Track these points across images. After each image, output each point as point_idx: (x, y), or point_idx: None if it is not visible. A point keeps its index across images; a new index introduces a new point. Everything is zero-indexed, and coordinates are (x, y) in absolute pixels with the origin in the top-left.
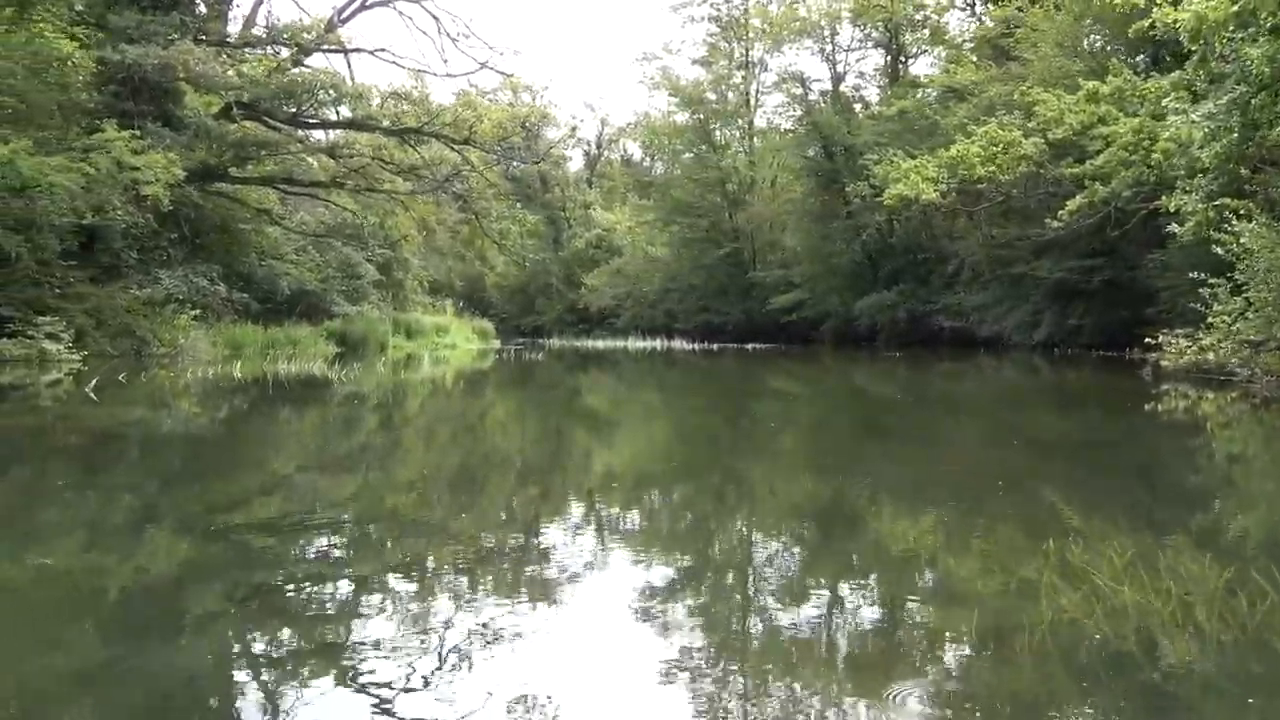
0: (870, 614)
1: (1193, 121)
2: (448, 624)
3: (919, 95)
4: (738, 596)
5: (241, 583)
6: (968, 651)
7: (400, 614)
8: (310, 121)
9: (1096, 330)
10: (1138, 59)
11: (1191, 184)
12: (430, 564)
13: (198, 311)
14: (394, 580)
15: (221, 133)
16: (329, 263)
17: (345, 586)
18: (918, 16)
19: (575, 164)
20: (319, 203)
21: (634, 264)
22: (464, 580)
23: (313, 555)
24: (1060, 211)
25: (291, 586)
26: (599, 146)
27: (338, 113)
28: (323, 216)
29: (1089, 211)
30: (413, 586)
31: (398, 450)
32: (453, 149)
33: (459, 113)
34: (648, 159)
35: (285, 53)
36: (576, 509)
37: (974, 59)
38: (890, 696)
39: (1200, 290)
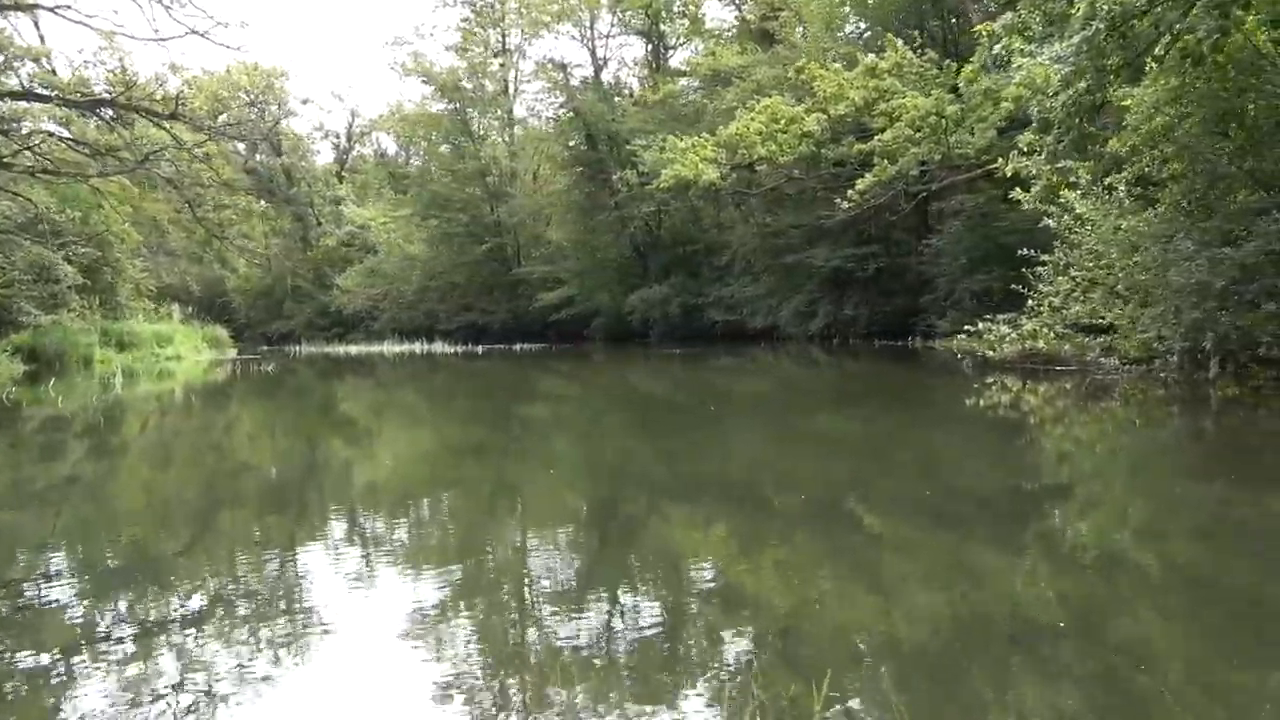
0: (650, 622)
1: (1044, 64)
2: (182, 680)
3: (684, 82)
4: (512, 611)
5: None
6: (749, 655)
7: (121, 673)
8: None
9: (872, 319)
10: (903, 37)
11: (1035, 143)
12: (156, 606)
13: None
14: (110, 631)
15: None
16: (15, 264)
17: (42, 653)
18: (676, 6)
19: (324, 157)
20: (2, 194)
21: (390, 263)
22: (200, 623)
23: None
24: (850, 191)
25: None
26: (349, 139)
27: (19, 79)
28: (7, 210)
29: (880, 191)
30: (134, 636)
31: (110, 480)
32: (159, 125)
33: (163, 80)
34: (403, 153)
35: None
36: (330, 531)
37: (738, 46)
38: (673, 704)
39: (976, 276)
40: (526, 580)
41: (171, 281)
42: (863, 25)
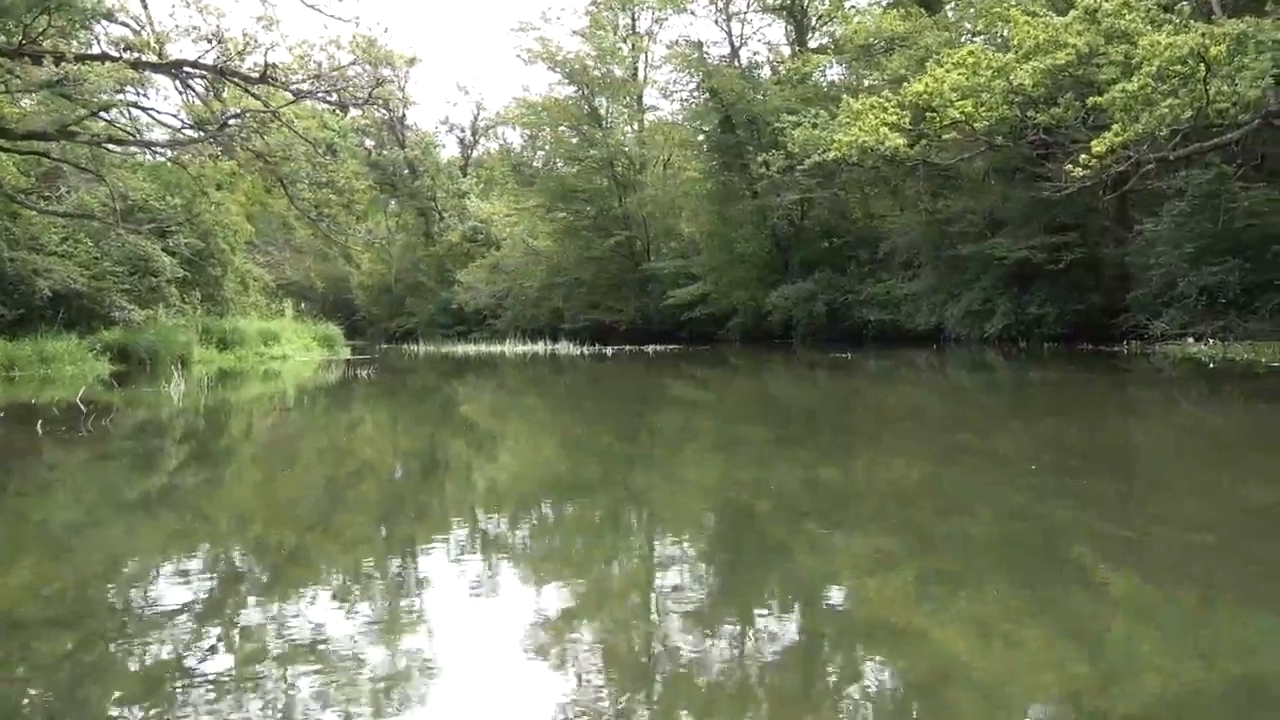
0: (784, 659)
1: None
2: (296, 692)
3: (831, 58)
4: (635, 632)
5: None
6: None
7: (239, 683)
8: (42, 53)
9: (1061, 320)
10: None
11: None
12: (264, 620)
13: None
14: (222, 645)
15: None
16: (108, 255)
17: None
18: None
19: (449, 150)
20: (96, 180)
21: (514, 258)
22: (319, 640)
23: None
24: (1083, 156)
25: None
26: (474, 133)
27: (114, 42)
28: (103, 197)
29: (1123, 155)
30: (250, 648)
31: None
32: (247, 91)
33: (252, 39)
34: (528, 148)
35: None
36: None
37: (900, 10)
38: None
39: (1206, 268)
40: (651, 600)
41: (296, 278)
42: None
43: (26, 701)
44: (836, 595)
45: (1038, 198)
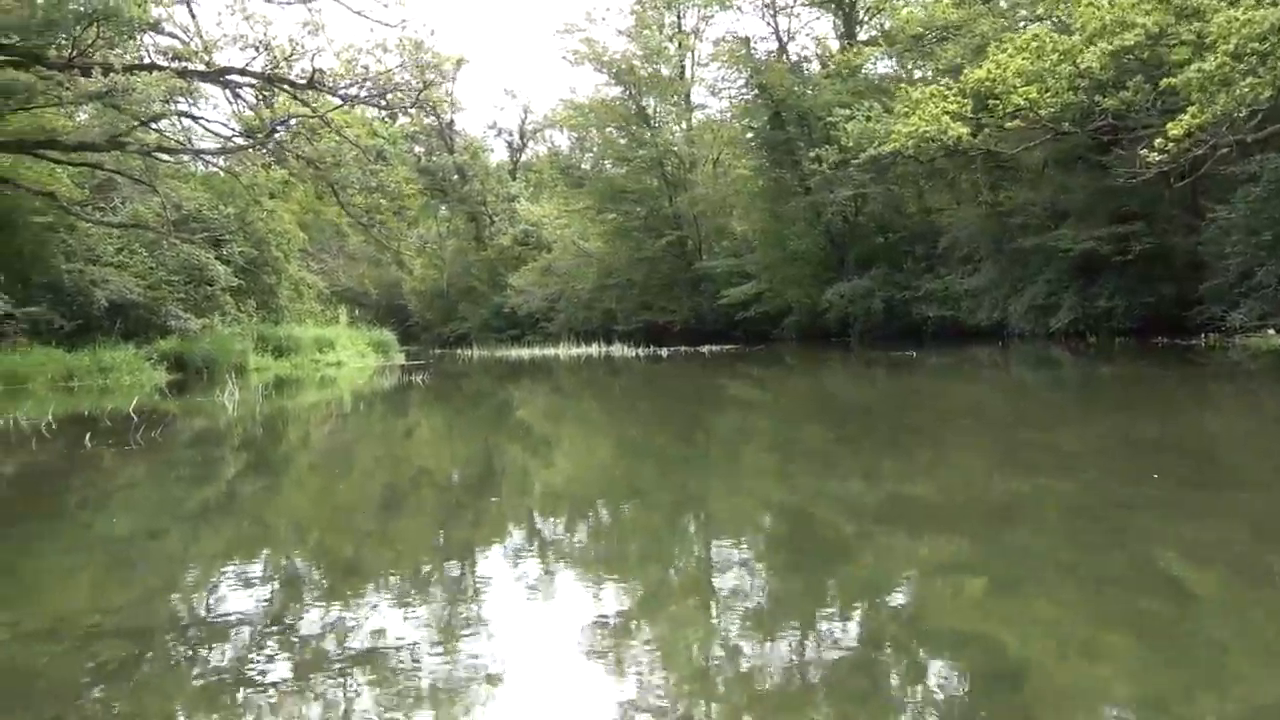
0: (850, 661)
1: None
2: (357, 694)
3: (882, 49)
4: (697, 634)
5: None
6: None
7: (304, 684)
8: (91, 64)
9: (1130, 313)
10: None
11: None
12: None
13: None
14: (285, 649)
15: None
16: (163, 264)
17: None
18: None
19: (498, 155)
20: (149, 190)
21: (565, 260)
22: (377, 642)
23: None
24: (1158, 140)
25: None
26: (522, 137)
27: (162, 52)
28: (156, 207)
29: (1204, 138)
30: (314, 650)
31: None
32: (295, 97)
33: (298, 44)
34: (576, 150)
35: None
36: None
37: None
38: None
39: None
40: (713, 602)
41: (350, 284)
42: None
43: (92, 709)
44: (904, 598)
45: (1101, 187)
